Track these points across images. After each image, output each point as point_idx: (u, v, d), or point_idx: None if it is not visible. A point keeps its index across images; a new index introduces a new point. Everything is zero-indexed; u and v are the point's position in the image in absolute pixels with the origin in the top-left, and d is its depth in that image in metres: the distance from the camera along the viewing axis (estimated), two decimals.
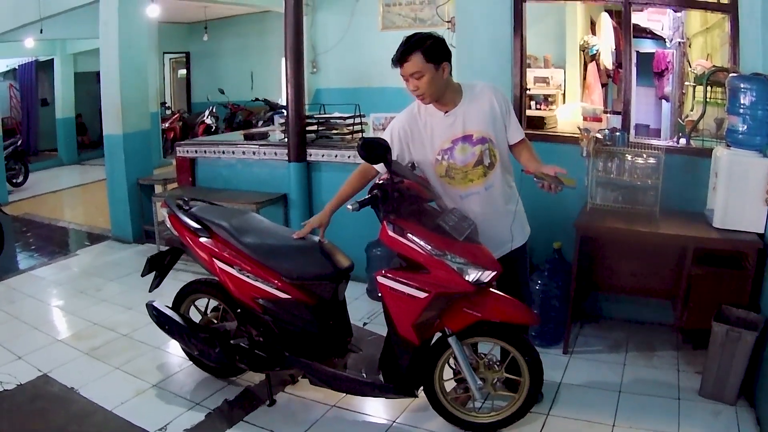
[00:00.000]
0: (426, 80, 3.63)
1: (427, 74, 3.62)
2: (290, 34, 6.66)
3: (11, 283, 7.27)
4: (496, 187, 3.90)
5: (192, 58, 17.10)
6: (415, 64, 3.60)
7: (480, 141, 3.80)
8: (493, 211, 3.93)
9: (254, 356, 4.30)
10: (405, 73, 3.66)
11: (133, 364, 5.12)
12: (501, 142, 3.87)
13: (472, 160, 3.82)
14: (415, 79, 3.64)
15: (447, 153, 3.83)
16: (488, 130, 3.81)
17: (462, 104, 3.81)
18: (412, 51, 3.59)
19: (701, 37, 7.28)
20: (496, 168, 3.87)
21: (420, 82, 3.64)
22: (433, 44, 3.65)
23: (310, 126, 7.02)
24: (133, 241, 8.75)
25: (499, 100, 3.85)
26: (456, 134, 3.80)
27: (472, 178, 3.85)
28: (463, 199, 3.90)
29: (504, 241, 3.99)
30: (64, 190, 13.77)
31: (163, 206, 4.77)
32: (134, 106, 8.75)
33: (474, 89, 3.88)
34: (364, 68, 10.47)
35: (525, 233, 4.16)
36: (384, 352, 3.96)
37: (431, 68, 3.62)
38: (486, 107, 3.82)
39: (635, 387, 4.60)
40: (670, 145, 5.57)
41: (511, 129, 3.91)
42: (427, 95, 3.70)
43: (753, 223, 4.53)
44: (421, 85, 3.65)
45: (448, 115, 3.81)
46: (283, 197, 7.10)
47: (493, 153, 3.83)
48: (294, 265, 4.14)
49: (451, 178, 3.87)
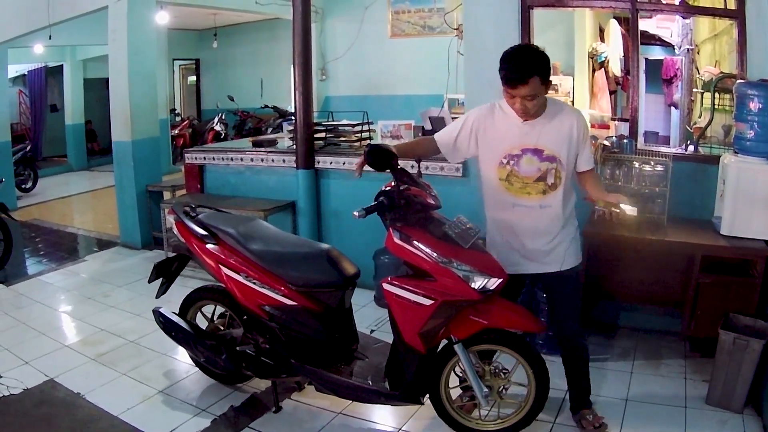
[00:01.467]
0: (536, 102, 3.58)
1: (539, 95, 3.57)
2: (298, 42, 6.67)
3: (19, 288, 7.29)
4: (552, 209, 3.82)
5: (202, 65, 17.18)
6: (532, 87, 3.50)
7: (548, 159, 3.72)
8: (544, 229, 3.85)
9: (260, 363, 4.30)
10: (516, 95, 3.55)
11: (140, 371, 5.12)
12: (569, 167, 3.79)
13: (535, 174, 3.75)
14: (527, 100, 3.55)
15: (514, 159, 3.76)
16: (560, 151, 3.73)
17: (543, 118, 3.72)
18: (532, 74, 3.48)
19: (709, 44, 7.28)
20: (558, 190, 3.78)
21: (531, 103, 3.57)
22: (547, 65, 3.56)
23: (319, 133, 7.03)
24: (142, 247, 8.76)
25: (580, 127, 3.76)
26: (527, 144, 3.73)
27: (530, 192, 3.78)
28: (514, 207, 3.84)
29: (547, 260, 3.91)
30: (73, 196, 13.81)
31: (170, 213, 4.78)
32: (143, 112, 8.77)
33: (559, 108, 3.82)
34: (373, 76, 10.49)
35: (576, 258, 4.01)
36: (390, 360, 3.95)
37: (543, 89, 3.57)
38: (565, 129, 3.73)
39: (642, 395, 4.58)
40: (678, 152, 5.56)
41: (583, 157, 3.84)
42: (531, 113, 3.66)
43: (761, 231, 4.52)
44: (530, 107, 3.59)
45: (526, 124, 3.72)
46: (291, 204, 7.10)
47: (558, 174, 3.75)
48: (300, 272, 4.15)
49: (509, 184, 3.81)
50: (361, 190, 4.93)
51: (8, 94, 12.91)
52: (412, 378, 3.82)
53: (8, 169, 11.77)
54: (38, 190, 13.79)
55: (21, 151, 13.27)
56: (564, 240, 3.90)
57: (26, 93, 17.60)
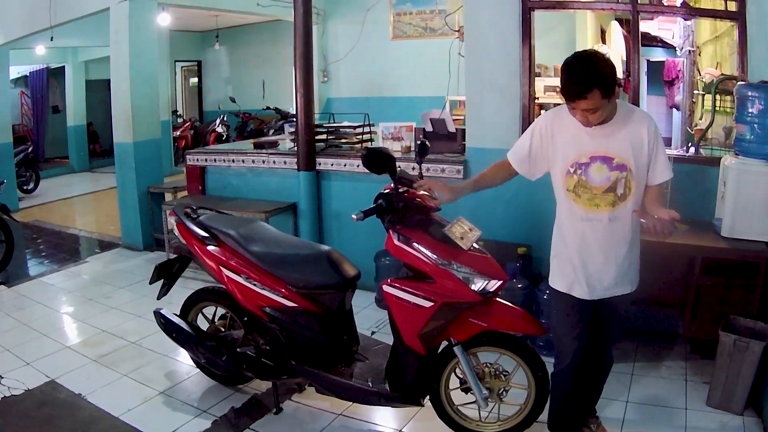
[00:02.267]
0: (598, 114, 3.29)
1: (602, 109, 3.26)
2: (300, 44, 6.68)
3: (21, 289, 7.31)
4: (622, 222, 3.49)
5: (204, 67, 17.22)
6: (592, 101, 3.20)
7: (619, 167, 3.41)
8: (611, 246, 3.53)
9: (261, 364, 4.31)
10: (577, 108, 3.28)
11: (141, 372, 5.13)
12: (640, 176, 3.45)
13: (605, 184, 3.44)
14: (589, 113, 3.27)
15: (582, 168, 3.47)
16: (631, 159, 3.41)
17: (613, 123, 3.42)
18: (592, 88, 3.17)
19: (711, 46, 7.28)
20: (629, 201, 3.45)
21: (593, 116, 3.28)
22: (610, 75, 3.23)
23: (320, 135, 7.04)
24: (144, 248, 8.79)
25: (651, 134, 3.42)
26: (597, 151, 3.44)
27: (599, 203, 3.47)
28: (584, 221, 3.52)
29: (610, 284, 3.58)
30: (75, 197, 13.85)
31: (171, 215, 4.79)
32: (145, 114, 8.79)
33: (630, 113, 3.49)
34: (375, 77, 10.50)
35: (634, 283, 3.71)
36: (390, 362, 3.95)
37: (606, 102, 3.24)
38: (636, 136, 3.42)
39: (643, 397, 4.59)
40: (678, 154, 5.56)
41: (657, 168, 3.48)
42: (594, 123, 3.36)
43: (761, 233, 4.52)
44: (593, 119, 3.30)
45: (596, 129, 3.41)
46: (292, 206, 7.11)
47: (629, 184, 3.43)
48: (301, 274, 4.16)
49: (577, 195, 3.51)
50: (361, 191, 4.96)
51: (10, 95, 12.93)
52: (412, 380, 3.82)
53: (10, 171, 11.80)
54: (40, 192, 13.82)
55: (23, 153, 13.30)
56: (635, 260, 3.66)
57: (28, 94, 17.62)
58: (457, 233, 3.61)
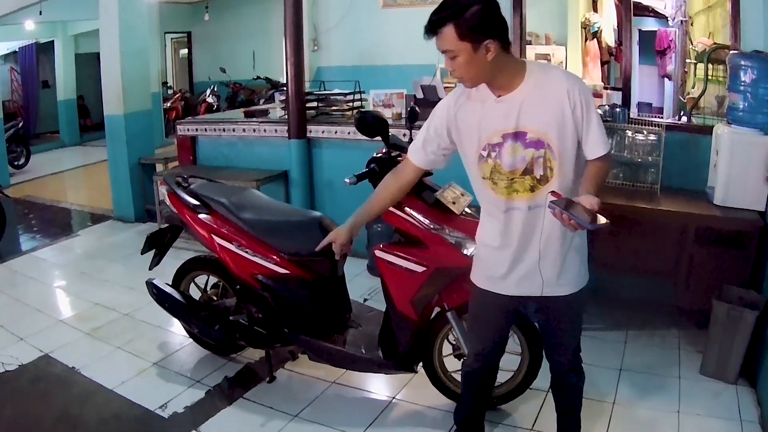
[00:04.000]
0: (461, 62, 2.71)
1: (461, 55, 2.69)
2: (290, 13, 6.64)
3: (13, 265, 7.28)
4: (542, 210, 2.90)
5: (194, 38, 17.12)
6: (445, 40, 2.68)
7: (534, 144, 2.82)
8: (536, 240, 2.99)
9: (254, 333, 4.31)
10: (438, 50, 2.75)
11: (134, 344, 5.13)
12: (566, 153, 2.85)
13: (521, 165, 2.86)
14: (449, 58, 2.74)
15: (496, 150, 2.88)
16: (549, 132, 2.80)
17: (522, 90, 2.81)
18: (444, 23, 2.66)
19: (703, 16, 7.26)
20: (551, 185, 2.85)
21: (455, 63, 2.73)
22: (473, 16, 2.64)
23: (310, 103, 7.02)
24: (136, 220, 8.78)
25: (575, 97, 2.78)
26: (508, 128, 2.84)
27: (517, 189, 2.91)
28: (505, 213, 2.98)
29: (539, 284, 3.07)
30: (66, 171, 13.80)
31: (162, 184, 4.77)
32: (135, 86, 8.74)
33: (545, 75, 2.86)
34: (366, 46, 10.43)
35: (579, 281, 3.16)
36: (383, 328, 3.95)
37: (467, 48, 2.67)
38: (554, 102, 2.79)
39: (636, 366, 4.60)
40: (671, 122, 5.56)
41: (589, 139, 2.85)
42: (465, 78, 2.80)
43: (754, 202, 4.52)
44: (456, 67, 2.74)
45: (501, 102, 2.84)
46: (283, 174, 7.11)
47: (549, 164, 2.84)
48: (292, 241, 4.14)
49: (494, 184, 2.95)
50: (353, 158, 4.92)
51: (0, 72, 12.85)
52: (405, 346, 3.82)
53: (0, 147, 11.75)
54: (31, 167, 13.75)
55: (13, 128, 13.19)
56: (574, 255, 3.09)
57: (18, 70, 17.51)
58: (449, 198, 3.58)
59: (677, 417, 3.98)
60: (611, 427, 3.92)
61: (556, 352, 3.36)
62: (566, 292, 3.10)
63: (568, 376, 3.38)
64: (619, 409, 4.08)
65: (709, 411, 4.03)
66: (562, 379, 3.40)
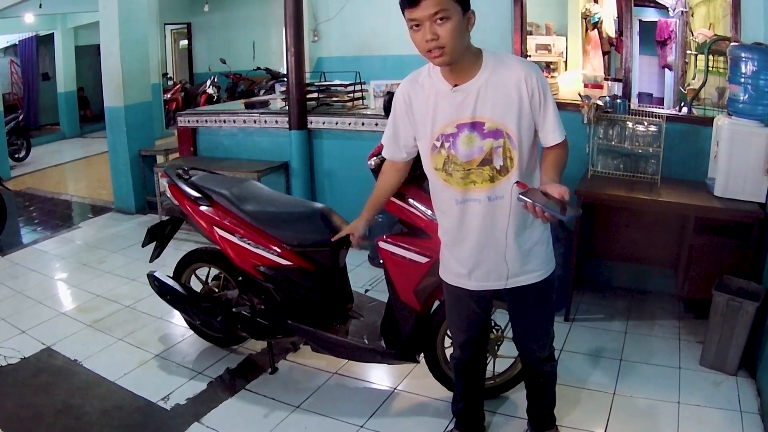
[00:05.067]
0: (451, 27, 2.57)
1: (453, 18, 2.57)
2: (290, 3, 6.64)
3: (14, 257, 7.29)
4: (506, 201, 2.88)
5: (193, 29, 17.11)
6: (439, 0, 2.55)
7: (492, 134, 2.78)
8: (497, 231, 2.95)
9: (256, 324, 4.31)
10: (422, 15, 2.57)
11: (136, 335, 5.14)
12: (524, 142, 2.82)
13: (478, 156, 2.82)
14: (437, 23, 2.57)
15: (449, 140, 2.84)
16: (507, 121, 2.77)
17: (478, 78, 2.77)
18: None
19: (704, 7, 7.24)
20: (513, 175, 2.83)
21: (442, 28, 2.57)
22: None
23: (311, 94, 7.03)
24: (136, 212, 8.78)
25: (532, 85, 2.75)
26: (463, 118, 2.80)
27: (475, 180, 2.87)
28: (459, 204, 2.94)
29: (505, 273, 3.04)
30: (67, 163, 13.79)
31: (163, 176, 4.77)
32: (135, 77, 8.73)
33: (501, 62, 2.81)
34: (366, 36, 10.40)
35: (547, 267, 3.14)
36: (385, 318, 3.96)
37: (458, 12, 2.59)
38: (511, 90, 2.76)
39: (636, 355, 4.61)
40: (671, 113, 5.55)
41: (546, 127, 2.85)
42: (447, 49, 2.62)
43: (754, 193, 4.52)
44: (443, 33, 2.57)
45: (457, 91, 2.79)
46: (284, 165, 7.10)
47: (509, 154, 2.81)
48: (295, 231, 4.14)
49: (448, 175, 2.91)
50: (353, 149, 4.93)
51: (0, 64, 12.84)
52: (407, 336, 3.83)
53: (1, 139, 11.79)
54: (31, 159, 13.74)
55: (13, 121, 13.19)
56: (539, 242, 3.07)
57: (18, 63, 17.53)
58: None
59: (677, 408, 3.98)
60: (611, 417, 3.92)
61: (528, 340, 3.34)
62: (534, 280, 3.09)
63: (542, 365, 3.38)
64: (619, 399, 4.09)
65: (709, 401, 4.03)
66: (536, 367, 3.41)
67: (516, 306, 3.26)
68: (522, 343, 3.38)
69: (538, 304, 3.23)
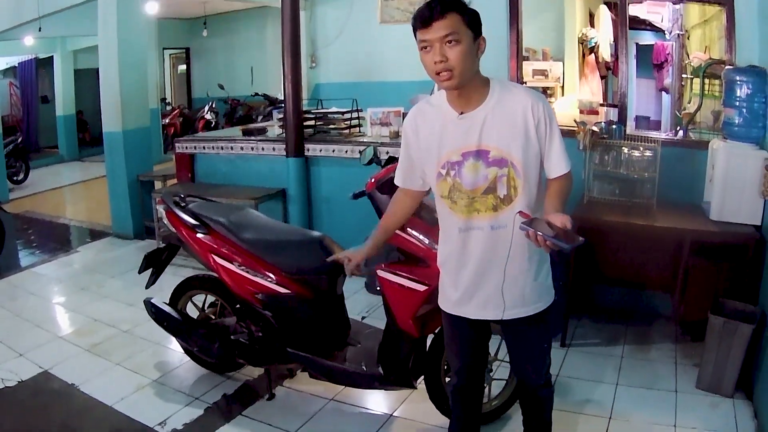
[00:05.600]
0: (460, 50, 2.63)
1: (464, 42, 2.64)
2: (287, 30, 6.69)
3: (12, 280, 7.29)
4: (510, 230, 2.83)
5: (192, 54, 17.15)
6: (454, 22, 2.62)
7: (497, 162, 2.79)
8: (499, 261, 2.91)
9: (254, 351, 4.32)
10: (433, 37, 2.64)
11: (134, 360, 5.14)
12: (529, 172, 2.82)
13: (482, 184, 2.82)
14: (448, 45, 2.63)
15: (454, 168, 2.85)
16: (512, 150, 2.78)
17: (485, 106, 2.80)
18: (450, 9, 2.64)
19: (699, 29, 7.29)
20: (516, 204, 2.82)
21: (452, 50, 2.63)
22: (474, 12, 2.74)
23: (308, 121, 7.06)
24: (134, 237, 8.78)
25: (538, 114, 2.77)
26: (469, 146, 2.81)
27: (479, 208, 2.86)
28: (463, 232, 2.93)
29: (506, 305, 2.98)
30: (65, 186, 13.82)
31: (160, 203, 4.78)
32: (134, 102, 8.77)
33: (508, 92, 2.84)
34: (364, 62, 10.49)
35: (546, 300, 3.09)
36: (383, 345, 3.96)
37: (469, 36, 2.67)
38: (518, 119, 2.77)
39: (633, 379, 4.61)
40: (667, 137, 5.58)
41: (551, 157, 2.86)
42: (456, 72, 2.66)
43: (750, 216, 4.54)
44: (452, 56, 2.63)
45: (463, 118, 2.81)
46: (281, 192, 7.13)
47: (513, 183, 2.81)
48: (293, 259, 4.16)
49: (453, 202, 2.91)
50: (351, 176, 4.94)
51: None
52: (405, 362, 3.84)
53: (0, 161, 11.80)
54: (30, 182, 13.77)
55: (12, 143, 13.25)
56: (538, 276, 3.02)
57: (17, 85, 17.61)
58: None
59: (674, 431, 3.98)
60: None
61: (525, 367, 3.31)
62: (532, 312, 3.04)
63: (539, 391, 3.32)
64: (615, 423, 4.09)
65: (705, 424, 4.03)
66: (534, 393, 3.35)
67: (513, 336, 3.22)
68: (519, 371, 3.37)
69: (536, 334, 3.18)
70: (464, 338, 3.26)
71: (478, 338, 3.27)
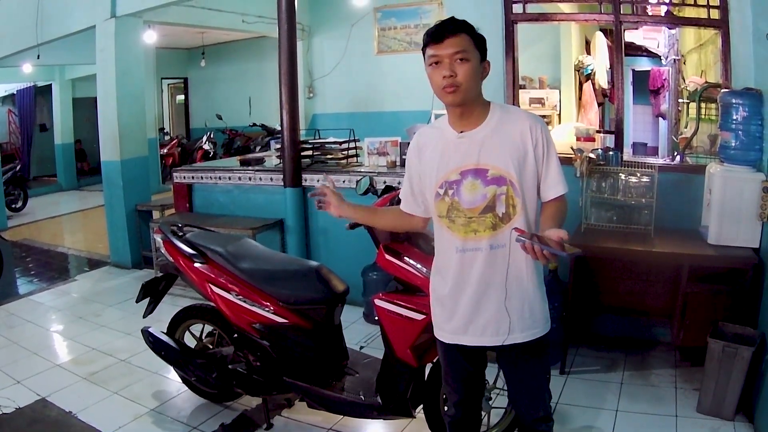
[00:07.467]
0: (469, 68, 2.75)
1: (472, 61, 2.76)
2: (284, 61, 6.72)
3: (10, 308, 7.29)
4: (506, 249, 2.86)
5: (190, 84, 17.24)
6: (464, 41, 2.75)
7: (495, 180, 2.82)
8: (497, 282, 2.91)
9: (252, 381, 4.30)
10: (444, 53, 2.75)
11: (131, 389, 5.12)
12: (527, 190, 2.86)
13: (481, 203, 2.84)
14: (457, 61, 2.74)
15: (452, 187, 2.87)
16: (510, 169, 2.81)
17: (484, 127, 2.87)
18: (463, 29, 2.78)
19: (695, 54, 7.33)
20: (513, 223, 2.83)
21: (461, 67, 2.74)
22: (482, 36, 2.87)
23: (305, 151, 7.08)
24: (132, 266, 8.77)
25: (536, 136, 2.84)
26: (467, 164, 2.85)
27: (477, 229, 2.86)
28: (460, 253, 2.92)
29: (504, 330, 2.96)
30: (64, 215, 13.84)
31: (157, 233, 4.78)
32: (132, 132, 8.80)
33: (507, 113, 2.93)
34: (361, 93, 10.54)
35: (544, 326, 3.05)
36: (381, 374, 3.95)
37: (477, 57, 2.80)
38: (516, 139, 2.84)
39: (633, 406, 4.59)
40: (663, 163, 5.59)
41: (548, 179, 2.90)
42: (462, 88, 2.76)
43: (748, 239, 4.54)
44: (460, 72, 2.74)
45: (463, 137, 2.88)
46: (279, 222, 7.12)
47: (512, 201, 2.83)
48: (291, 289, 4.16)
49: (451, 222, 2.91)
50: None
51: None
52: (404, 392, 3.82)
53: None
54: (28, 210, 13.83)
55: (11, 171, 13.33)
56: (540, 295, 3.02)
57: (15, 112, 17.67)
58: None
59: None
60: None
61: (523, 399, 3.21)
62: (531, 338, 2.99)
63: (538, 425, 3.20)
64: None
65: None
66: (533, 427, 3.22)
67: (512, 365, 3.15)
68: (518, 403, 3.27)
69: (534, 363, 3.12)
70: (461, 370, 3.21)
71: (474, 369, 3.23)
